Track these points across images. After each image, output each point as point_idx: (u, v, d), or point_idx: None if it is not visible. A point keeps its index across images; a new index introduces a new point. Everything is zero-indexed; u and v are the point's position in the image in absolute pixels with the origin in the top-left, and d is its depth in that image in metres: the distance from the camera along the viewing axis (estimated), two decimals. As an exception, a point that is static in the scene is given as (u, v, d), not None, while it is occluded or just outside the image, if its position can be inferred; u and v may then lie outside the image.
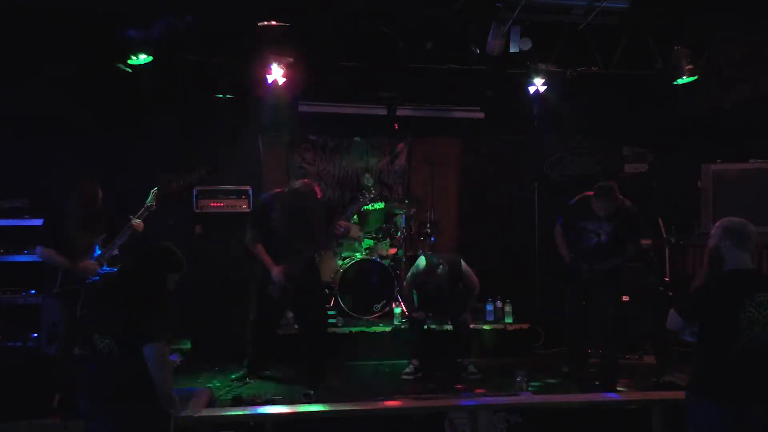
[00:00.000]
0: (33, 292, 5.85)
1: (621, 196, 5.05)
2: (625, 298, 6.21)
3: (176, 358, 3.37)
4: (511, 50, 5.33)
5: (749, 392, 3.03)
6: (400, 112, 7.13)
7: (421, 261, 5.75)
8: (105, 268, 4.74)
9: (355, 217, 6.88)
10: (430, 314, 5.82)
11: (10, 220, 6.07)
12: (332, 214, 5.50)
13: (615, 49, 5.95)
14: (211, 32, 5.57)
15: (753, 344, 3.00)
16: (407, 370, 5.58)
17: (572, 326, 5.43)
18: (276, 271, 5.06)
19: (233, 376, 5.38)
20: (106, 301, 3.28)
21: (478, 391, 5.16)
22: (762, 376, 3.04)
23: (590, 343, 5.57)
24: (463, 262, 5.71)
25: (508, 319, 6.50)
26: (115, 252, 4.81)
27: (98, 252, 4.75)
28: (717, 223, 3.24)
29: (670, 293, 6.36)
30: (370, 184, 7.02)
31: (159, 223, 5.18)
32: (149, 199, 5.00)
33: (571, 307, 5.35)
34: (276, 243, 5.14)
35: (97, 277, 4.70)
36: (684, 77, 5.89)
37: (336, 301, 6.54)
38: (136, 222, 4.85)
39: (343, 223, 5.36)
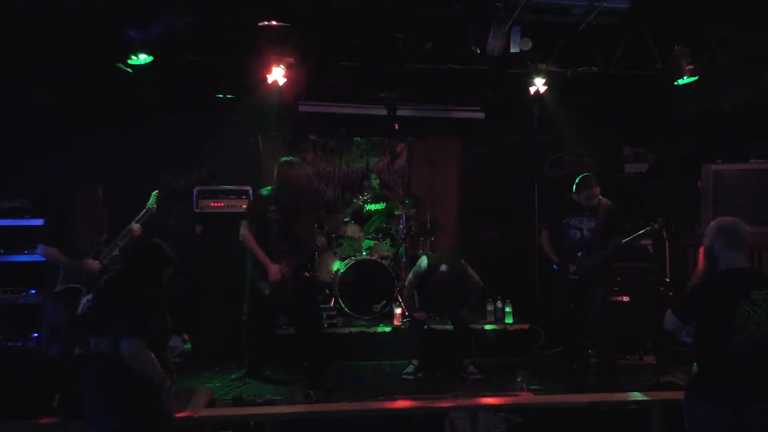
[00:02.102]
0: (33, 292, 5.85)
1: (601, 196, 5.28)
2: (625, 298, 6.25)
3: (181, 345, 3.39)
4: (511, 50, 5.33)
5: (746, 391, 3.03)
6: (400, 112, 7.13)
7: (423, 261, 5.74)
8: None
9: (348, 218, 6.89)
10: (431, 314, 5.83)
11: (10, 220, 6.07)
12: (322, 216, 5.47)
13: (615, 49, 5.95)
14: (211, 32, 5.57)
15: (749, 343, 3.00)
16: (407, 370, 5.58)
17: (565, 326, 5.52)
18: (273, 269, 5.05)
19: (233, 376, 5.38)
20: (105, 302, 3.31)
21: (478, 391, 5.16)
22: (759, 375, 3.04)
23: (589, 344, 5.60)
24: (464, 261, 5.72)
25: (508, 319, 6.50)
26: (116, 252, 4.81)
27: (100, 253, 4.75)
28: (710, 224, 3.27)
29: (670, 293, 6.36)
30: (375, 185, 7.04)
31: (159, 223, 5.17)
32: (150, 201, 4.98)
33: (561, 308, 5.43)
34: (272, 240, 5.12)
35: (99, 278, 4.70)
36: (684, 77, 5.89)
37: (336, 301, 6.54)
38: (135, 227, 4.84)
39: (321, 239, 5.34)
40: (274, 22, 5.40)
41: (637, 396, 4.44)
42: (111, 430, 3.13)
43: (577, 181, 5.33)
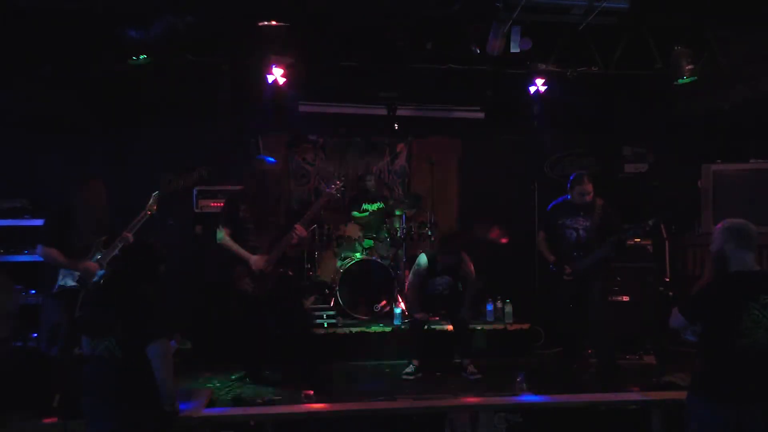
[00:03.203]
0: (33, 292, 5.85)
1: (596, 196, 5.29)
2: (625, 298, 6.26)
3: (174, 345, 3.43)
4: (511, 50, 5.34)
5: (750, 393, 3.03)
6: (400, 112, 7.14)
7: (422, 258, 5.74)
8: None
9: (357, 214, 6.92)
10: (431, 313, 5.83)
11: (10, 220, 6.06)
12: (293, 215, 5.37)
13: (615, 49, 5.96)
14: (211, 32, 5.57)
15: (755, 346, 3.00)
16: (407, 370, 5.58)
17: (565, 326, 5.53)
18: (255, 259, 5.02)
19: (233, 376, 5.37)
20: (103, 303, 3.31)
21: (478, 391, 5.16)
22: (761, 377, 3.04)
23: (589, 344, 5.61)
24: (464, 255, 5.71)
25: (508, 319, 6.50)
26: (116, 253, 4.80)
27: (99, 254, 4.74)
28: (718, 226, 3.24)
29: (671, 293, 6.36)
30: (372, 190, 7.09)
31: (159, 223, 5.17)
32: (150, 202, 4.96)
33: (560, 308, 5.44)
34: (249, 238, 5.10)
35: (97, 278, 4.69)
36: (684, 77, 5.89)
37: (336, 301, 6.54)
38: (128, 235, 4.80)
39: (299, 228, 5.15)
40: (274, 22, 5.40)
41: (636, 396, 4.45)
42: (111, 430, 3.13)
43: (570, 179, 5.37)
